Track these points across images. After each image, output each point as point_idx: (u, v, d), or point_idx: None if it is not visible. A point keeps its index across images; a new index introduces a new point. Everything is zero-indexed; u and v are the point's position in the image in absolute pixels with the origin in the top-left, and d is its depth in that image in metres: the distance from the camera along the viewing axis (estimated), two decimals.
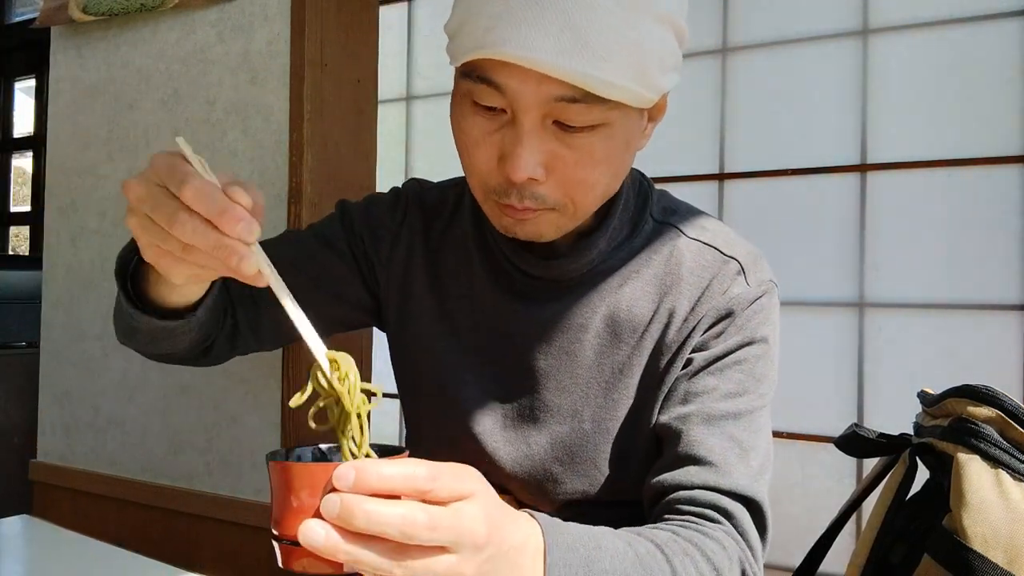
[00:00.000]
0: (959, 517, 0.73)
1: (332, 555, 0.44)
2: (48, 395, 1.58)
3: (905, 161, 1.74)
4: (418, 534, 0.45)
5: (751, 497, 0.70)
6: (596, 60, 0.59)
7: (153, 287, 0.68)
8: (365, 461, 0.47)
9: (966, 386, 0.81)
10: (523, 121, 0.64)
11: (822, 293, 1.82)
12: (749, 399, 0.74)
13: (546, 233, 0.71)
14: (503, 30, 0.60)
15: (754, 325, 0.75)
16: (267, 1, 1.32)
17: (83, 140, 1.54)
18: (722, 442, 0.71)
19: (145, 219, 0.53)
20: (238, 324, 0.84)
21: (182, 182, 0.50)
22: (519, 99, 0.63)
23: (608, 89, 0.61)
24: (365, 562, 0.45)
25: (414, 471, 0.47)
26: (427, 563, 0.47)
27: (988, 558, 0.71)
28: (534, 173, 0.65)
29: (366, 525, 0.44)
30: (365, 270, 0.87)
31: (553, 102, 0.62)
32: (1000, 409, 0.76)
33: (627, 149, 0.69)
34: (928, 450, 0.84)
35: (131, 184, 0.53)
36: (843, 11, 1.81)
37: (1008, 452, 0.75)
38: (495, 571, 0.52)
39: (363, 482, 0.44)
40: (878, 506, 0.87)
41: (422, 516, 0.45)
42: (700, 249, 0.78)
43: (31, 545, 0.92)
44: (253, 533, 1.31)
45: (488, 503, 0.51)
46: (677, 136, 1.97)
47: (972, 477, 0.74)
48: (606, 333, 0.78)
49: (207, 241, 0.51)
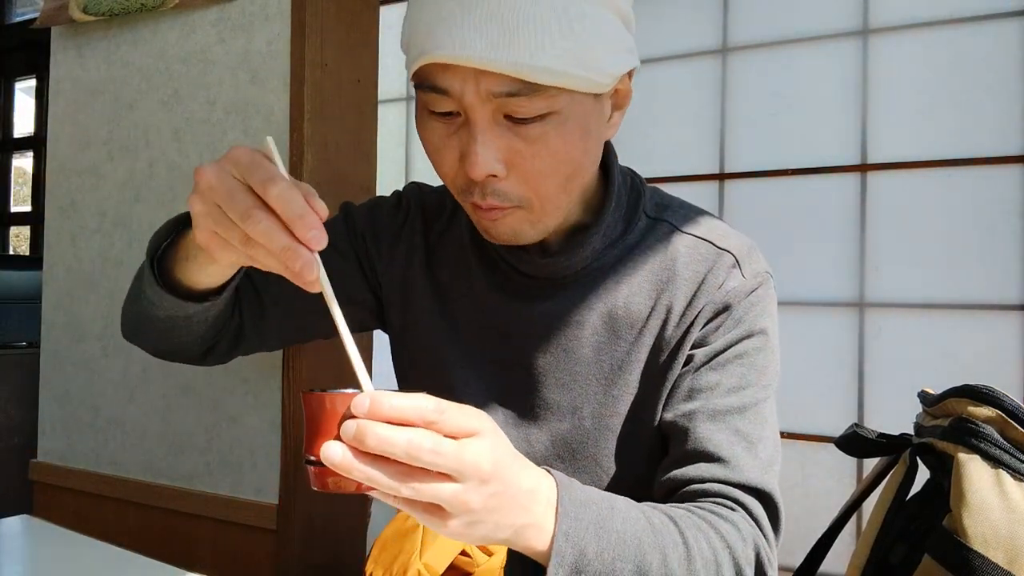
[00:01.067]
0: (959, 517, 0.73)
1: (348, 472, 0.49)
2: (48, 395, 1.58)
3: (905, 161, 1.74)
4: (422, 456, 0.49)
5: (762, 489, 0.71)
6: (528, 49, 0.61)
7: (181, 267, 0.70)
8: (379, 392, 0.51)
9: (966, 386, 0.81)
10: (474, 120, 0.65)
11: (822, 293, 1.82)
12: (753, 392, 0.74)
13: (520, 232, 0.72)
14: (437, 35, 0.63)
15: (752, 317, 0.76)
16: (267, 1, 1.32)
17: (83, 140, 1.54)
18: (729, 437, 0.71)
19: (213, 207, 0.55)
20: (243, 324, 0.84)
21: (268, 180, 0.53)
22: (464, 98, 0.64)
23: (545, 76, 0.62)
24: (376, 480, 0.49)
25: (423, 404, 0.51)
26: (433, 487, 0.50)
27: (988, 558, 0.71)
28: (492, 169, 0.66)
29: (376, 445, 0.48)
30: (367, 271, 0.88)
31: (496, 97, 0.63)
32: (1000, 409, 0.76)
33: (586, 136, 0.69)
34: (928, 450, 0.84)
35: (205, 171, 0.55)
36: (843, 11, 1.81)
37: (1008, 452, 0.75)
38: (502, 508, 0.55)
39: (377, 410, 0.49)
40: (878, 506, 0.87)
41: (427, 441, 0.49)
42: (694, 243, 0.78)
43: (31, 545, 0.92)
44: (253, 533, 1.31)
45: (496, 443, 0.54)
46: (677, 136, 1.97)
47: (972, 477, 0.74)
48: (604, 330, 0.78)
49: (278, 243, 0.53)
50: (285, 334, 0.87)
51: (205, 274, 0.69)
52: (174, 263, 0.71)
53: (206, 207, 0.56)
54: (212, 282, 0.70)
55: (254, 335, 0.86)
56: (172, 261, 0.71)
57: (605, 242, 0.78)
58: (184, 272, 0.70)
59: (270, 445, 1.30)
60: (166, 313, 0.73)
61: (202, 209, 0.56)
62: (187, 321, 0.74)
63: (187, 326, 0.75)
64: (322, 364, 1.31)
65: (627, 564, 0.62)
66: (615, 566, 0.61)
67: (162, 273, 0.71)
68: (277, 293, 0.85)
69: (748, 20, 1.91)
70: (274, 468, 1.30)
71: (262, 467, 1.31)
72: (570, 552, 0.60)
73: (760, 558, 0.68)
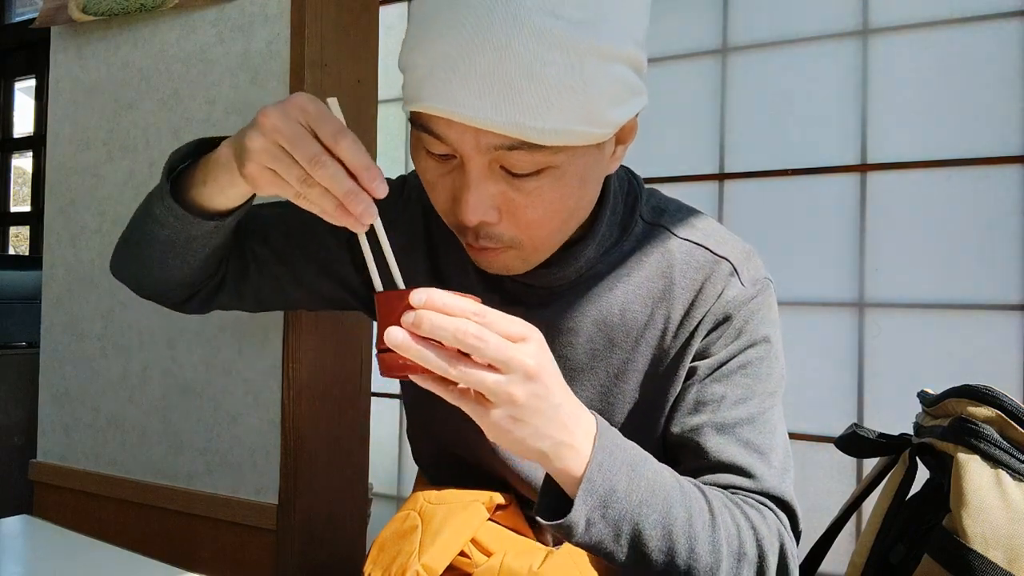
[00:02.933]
0: (959, 517, 0.73)
1: (406, 351, 0.55)
2: (48, 395, 1.58)
3: (905, 161, 1.74)
4: (467, 340, 0.54)
5: (780, 497, 0.71)
6: (531, 109, 0.58)
7: (197, 191, 0.72)
8: (435, 289, 0.56)
9: (966, 386, 0.81)
10: (469, 168, 0.63)
11: (822, 293, 1.82)
12: (759, 401, 0.74)
13: (512, 267, 0.72)
14: (432, 86, 0.60)
15: (753, 327, 0.75)
16: (267, 1, 1.32)
17: (83, 140, 1.54)
18: (740, 449, 0.71)
19: (274, 146, 0.59)
20: (226, 277, 0.86)
21: (339, 132, 0.58)
22: (460, 148, 0.63)
23: (547, 136, 0.60)
24: (427, 359, 0.55)
25: (472, 303, 0.56)
26: (479, 374, 0.55)
27: (988, 558, 0.71)
28: (485, 216, 0.65)
29: (429, 329, 0.54)
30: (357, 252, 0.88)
31: (494, 150, 0.61)
32: (1000, 409, 0.76)
33: (583, 185, 0.67)
34: (928, 450, 0.84)
35: (270, 113, 0.59)
36: (843, 11, 1.81)
37: (1008, 452, 0.75)
38: (545, 414, 0.58)
39: (432, 301, 0.55)
40: (878, 506, 0.87)
41: (472, 328, 0.54)
42: (691, 249, 0.77)
43: (31, 545, 0.92)
44: (253, 533, 1.31)
45: (542, 350, 0.58)
46: (677, 136, 1.97)
47: (972, 477, 0.74)
48: (599, 337, 0.77)
49: (344, 186, 0.58)
50: (264, 296, 0.89)
51: (223, 197, 0.72)
52: (188, 187, 0.73)
53: (267, 144, 0.59)
54: (225, 204, 0.73)
55: (233, 290, 0.87)
56: (186, 185, 0.74)
57: (600, 250, 0.78)
58: (198, 195, 0.73)
59: (270, 445, 1.30)
60: (168, 234, 0.75)
61: (261, 145, 0.60)
62: (186, 247, 0.76)
63: (184, 253, 0.77)
64: (322, 366, 1.31)
65: (653, 512, 0.63)
66: (641, 510, 0.62)
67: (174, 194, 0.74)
68: (262, 256, 0.86)
69: (748, 20, 1.91)
70: (274, 468, 1.30)
71: (262, 467, 1.31)
72: (601, 484, 0.61)
73: (784, 550, 0.68)
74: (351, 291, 0.90)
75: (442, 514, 0.81)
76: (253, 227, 0.87)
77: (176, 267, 0.79)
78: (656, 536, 0.62)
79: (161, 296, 0.86)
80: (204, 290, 0.85)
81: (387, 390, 2.42)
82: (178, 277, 0.81)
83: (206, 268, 0.81)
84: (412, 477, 0.97)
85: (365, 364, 1.41)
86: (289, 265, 0.87)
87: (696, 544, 0.63)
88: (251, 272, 0.86)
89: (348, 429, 1.38)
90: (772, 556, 0.67)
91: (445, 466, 0.88)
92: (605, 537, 0.62)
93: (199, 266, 0.80)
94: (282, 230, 0.87)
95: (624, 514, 0.62)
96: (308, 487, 1.30)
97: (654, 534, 0.62)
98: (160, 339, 1.43)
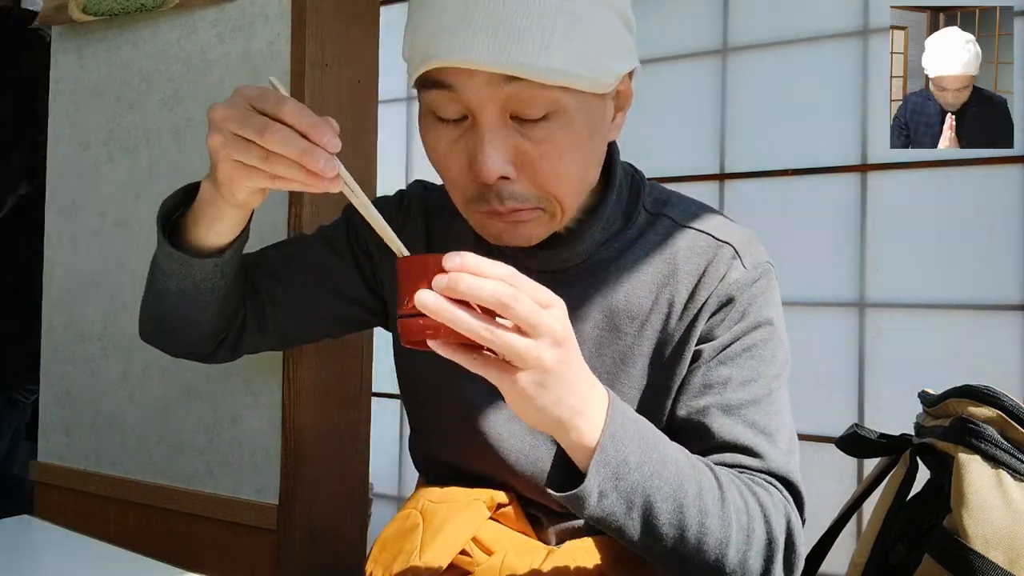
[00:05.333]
0: (960, 517, 0.73)
1: (438, 312, 0.54)
2: (48, 395, 1.58)
3: (905, 161, 1.74)
4: (504, 299, 0.55)
5: (787, 477, 0.71)
6: (534, 49, 0.62)
7: (191, 234, 0.75)
8: (466, 252, 0.56)
9: (967, 386, 0.81)
10: (482, 121, 0.66)
11: (822, 293, 1.82)
12: (765, 383, 0.75)
13: (535, 234, 0.73)
14: (441, 42, 0.64)
15: (756, 309, 0.76)
16: (267, 1, 1.32)
17: (84, 140, 1.54)
18: (747, 430, 0.72)
19: (230, 136, 0.61)
20: (247, 318, 0.87)
21: (280, 101, 0.59)
22: (472, 99, 0.65)
23: (552, 76, 0.63)
24: (461, 320, 0.55)
25: (504, 267, 0.57)
26: (511, 336, 0.55)
27: (989, 558, 0.71)
28: (503, 171, 0.67)
29: (466, 290, 0.54)
30: (367, 270, 0.90)
31: (505, 97, 0.64)
32: (1001, 409, 0.76)
33: (591, 136, 0.70)
34: (929, 450, 0.84)
35: (217, 108, 0.61)
36: (843, 11, 1.81)
37: (1009, 452, 0.75)
38: (568, 381, 0.59)
39: (467, 264, 0.56)
40: (879, 506, 0.87)
41: (509, 290, 0.55)
42: (694, 236, 0.79)
43: (31, 545, 0.92)
44: (253, 533, 1.31)
45: (566, 317, 0.59)
46: (677, 136, 1.98)
47: (973, 477, 0.74)
48: (604, 324, 0.78)
49: (297, 147, 0.58)
50: (286, 331, 0.90)
51: (213, 233, 0.74)
52: (184, 233, 0.75)
53: (223, 137, 0.61)
54: (218, 241, 0.75)
55: (255, 330, 0.88)
56: (182, 233, 0.76)
57: (605, 235, 0.79)
58: (193, 238, 0.75)
59: (270, 445, 1.30)
60: (176, 283, 0.77)
61: (219, 140, 0.61)
62: (196, 294, 0.78)
63: (196, 301, 0.78)
64: (323, 366, 1.31)
65: (664, 484, 0.63)
66: (653, 482, 0.62)
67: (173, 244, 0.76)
68: (276, 294, 0.88)
69: (748, 20, 1.92)
70: (274, 468, 1.30)
71: (262, 467, 1.31)
72: (614, 455, 0.61)
73: (791, 528, 0.68)
74: (366, 308, 0.92)
75: (443, 513, 0.82)
76: (263, 268, 0.89)
77: (194, 319, 0.81)
78: (667, 509, 0.62)
79: (191, 351, 0.88)
80: (229, 337, 0.87)
81: (387, 390, 2.42)
82: (201, 329, 0.83)
83: (223, 314, 0.83)
84: (413, 477, 0.97)
85: (365, 364, 1.41)
86: (303, 296, 0.89)
87: (707, 518, 0.63)
88: (267, 310, 0.88)
89: (348, 429, 1.38)
90: (780, 534, 0.67)
91: (442, 471, 0.89)
92: (617, 509, 0.62)
93: (216, 313, 0.81)
94: (291, 265, 0.89)
95: (636, 486, 0.62)
96: (308, 487, 1.30)
97: (665, 507, 0.62)
98: None
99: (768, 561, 0.66)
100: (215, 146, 0.62)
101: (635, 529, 0.63)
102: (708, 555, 0.64)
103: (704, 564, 0.64)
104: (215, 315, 0.82)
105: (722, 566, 0.64)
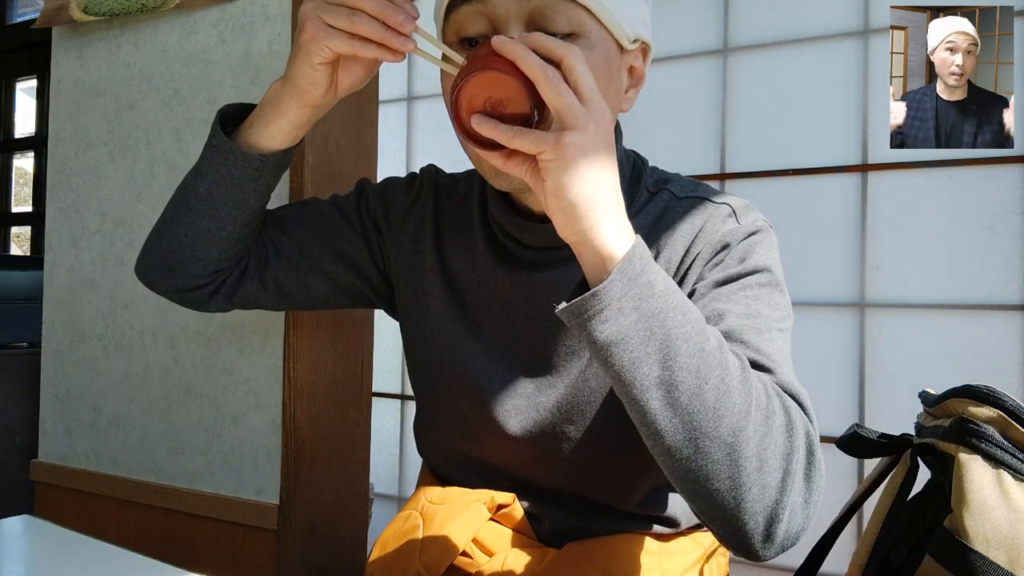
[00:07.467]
0: (960, 517, 0.73)
1: (508, 50, 0.58)
2: (49, 395, 1.58)
3: (905, 161, 1.74)
4: (572, 61, 0.57)
5: (798, 396, 0.65)
6: None
7: (243, 134, 0.79)
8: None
9: (967, 386, 0.81)
10: (507, 33, 0.69)
11: (822, 293, 1.82)
12: (765, 319, 0.70)
13: None
14: None
15: (754, 256, 0.74)
16: (268, 1, 1.32)
17: (84, 140, 1.54)
18: (751, 352, 0.66)
19: (320, 23, 0.68)
20: (248, 266, 0.89)
21: None
22: (500, 10, 0.69)
23: None
24: (529, 60, 0.57)
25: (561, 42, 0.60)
26: (567, 89, 0.57)
27: (989, 558, 0.71)
28: None
29: (534, 40, 0.59)
30: (375, 244, 0.92)
31: (531, 10, 0.68)
32: (1001, 409, 0.76)
33: (609, 78, 0.73)
34: (929, 450, 0.84)
35: (307, 4, 0.69)
36: (843, 11, 1.81)
37: (1009, 452, 0.74)
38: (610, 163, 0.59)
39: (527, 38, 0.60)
40: (879, 506, 0.87)
41: (579, 58, 0.59)
42: (692, 202, 0.81)
43: (32, 545, 0.92)
44: (254, 533, 1.32)
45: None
46: (677, 136, 1.97)
47: (973, 477, 0.74)
48: None
49: (377, 31, 0.66)
50: (285, 285, 0.91)
51: (267, 134, 0.78)
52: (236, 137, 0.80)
53: (314, 24, 0.68)
54: (271, 144, 0.79)
55: (256, 277, 0.90)
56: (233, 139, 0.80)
57: None
58: (244, 138, 0.79)
59: (271, 445, 1.30)
60: (208, 186, 0.80)
61: (312, 26, 0.69)
62: (225, 199, 0.80)
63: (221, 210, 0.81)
64: (323, 366, 1.31)
65: (687, 325, 0.56)
66: (675, 317, 0.56)
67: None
68: (280, 244, 0.91)
69: (748, 20, 1.91)
70: (275, 468, 1.30)
71: (263, 467, 1.31)
72: (640, 271, 0.56)
73: (811, 440, 0.61)
74: (368, 282, 0.93)
75: (443, 514, 0.82)
76: (271, 221, 0.92)
77: (208, 236, 0.82)
78: (687, 352, 0.55)
79: (189, 287, 0.87)
80: (229, 279, 0.88)
81: (387, 390, 2.42)
82: (203, 261, 0.84)
83: (231, 242, 0.84)
84: (413, 477, 0.98)
85: (366, 364, 1.41)
86: (306, 251, 0.91)
87: (727, 375, 0.56)
88: (271, 259, 0.89)
89: (349, 429, 1.38)
90: (800, 437, 0.60)
91: (450, 459, 0.89)
92: (635, 333, 0.54)
93: (225, 238, 0.83)
94: (299, 220, 0.92)
95: (659, 312, 0.55)
96: (309, 487, 1.30)
97: (685, 348, 0.55)
98: (161, 339, 1.43)
99: (787, 459, 0.58)
100: (305, 11, 0.69)
101: (650, 367, 0.55)
102: (724, 430, 0.55)
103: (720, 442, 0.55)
104: (226, 240, 0.83)
105: (738, 451, 0.56)
